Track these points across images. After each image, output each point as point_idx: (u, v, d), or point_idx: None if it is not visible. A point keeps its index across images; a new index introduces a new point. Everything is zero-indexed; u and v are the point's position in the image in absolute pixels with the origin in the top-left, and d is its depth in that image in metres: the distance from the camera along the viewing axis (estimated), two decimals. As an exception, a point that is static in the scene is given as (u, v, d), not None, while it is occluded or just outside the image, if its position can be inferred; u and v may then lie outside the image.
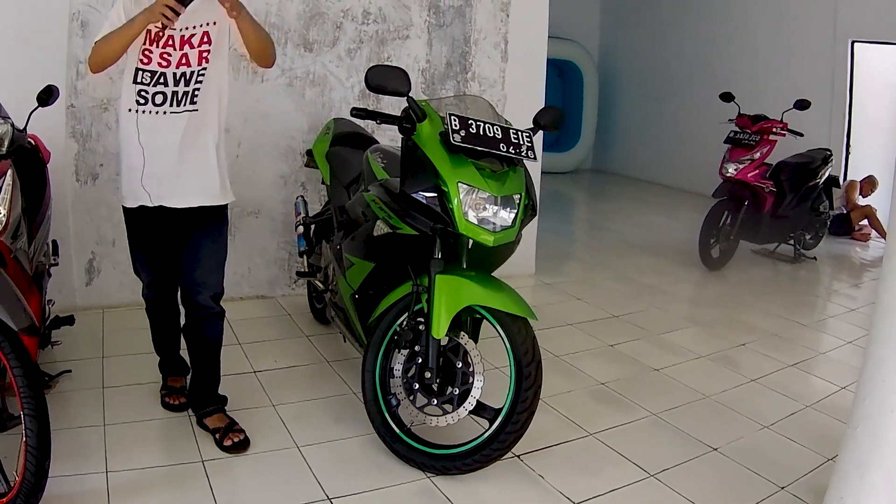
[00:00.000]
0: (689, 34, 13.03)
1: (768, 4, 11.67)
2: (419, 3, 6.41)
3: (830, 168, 8.89)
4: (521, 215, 3.55)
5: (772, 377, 5.18)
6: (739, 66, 11.94)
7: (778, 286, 7.86)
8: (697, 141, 12.20)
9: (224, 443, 3.81)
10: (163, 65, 3.60)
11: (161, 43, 3.59)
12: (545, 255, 7.62)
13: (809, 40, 11.13)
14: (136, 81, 3.62)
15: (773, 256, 8.86)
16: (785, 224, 8.42)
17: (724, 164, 8.08)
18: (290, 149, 6.05)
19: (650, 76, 14.00)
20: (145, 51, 3.59)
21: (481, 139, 3.48)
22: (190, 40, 3.62)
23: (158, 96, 3.62)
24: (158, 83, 3.62)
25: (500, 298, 3.51)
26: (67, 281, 5.45)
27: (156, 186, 3.69)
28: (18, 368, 2.99)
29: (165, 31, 3.55)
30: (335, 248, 4.48)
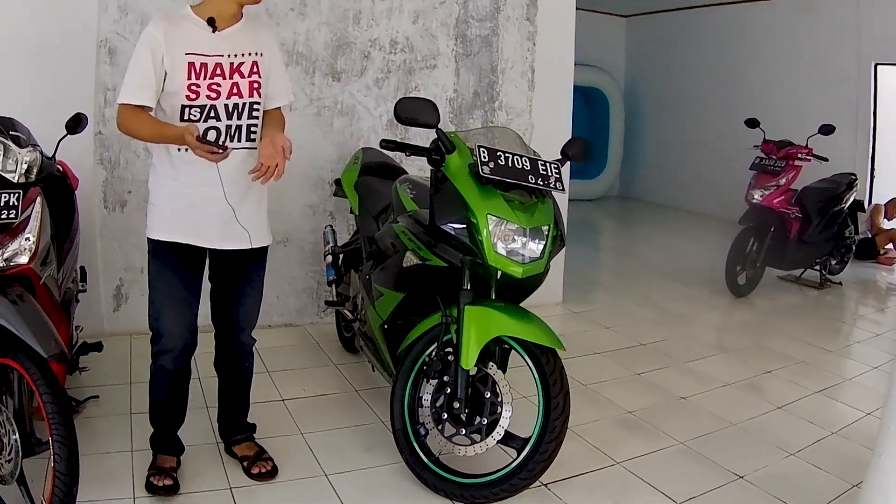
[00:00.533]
0: (715, 60, 13.05)
1: (792, 29, 11.69)
2: (446, 32, 6.46)
3: (855, 192, 8.87)
4: (550, 247, 3.56)
5: (798, 404, 5.16)
6: (765, 91, 11.93)
7: (804, 312, 7.83)
8: (723, 167, 12.17)
9: (252, 471, 3.83)
10: (212, 97, 3.42)
11: (209, 73, 3.41)
12: (572, 283, 7.61)
13: (833, 64, 11.15)
14: (184, 119, 3.39)
15: (799, 282, 8.82)
16: (810, 250, 8.40)
17: (750, 191, 8.08)
18: (319, 178, 6.09)
19: (676, 102, 14.01)
20: (191, 86, 3.38)
21: (510, 171, 3.50)
22: (239, 69, 3.49)
23: (211, 133, 3.43)
24: (209, 118, 3.43)
25: (529, 329, 3.52)
26: (95, 307, 5.50)
27: (207, 228, 3.53)
28: (48, 395, 3.02)
29: (212, 60, 3.41)
30: (364, 279, 4.50)
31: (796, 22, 11.64)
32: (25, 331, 3.05)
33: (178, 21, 3.45)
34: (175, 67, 3.35)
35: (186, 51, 3.37)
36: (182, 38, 3.38)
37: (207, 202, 3.48)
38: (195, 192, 3.47)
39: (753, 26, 12.33)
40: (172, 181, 3.49)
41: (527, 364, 3.60)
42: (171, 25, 3.39)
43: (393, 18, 6.23)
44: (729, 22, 12.77)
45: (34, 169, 3.51)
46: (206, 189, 3.46)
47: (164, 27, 3.36)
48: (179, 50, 3.36)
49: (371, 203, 4.82)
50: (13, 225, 3.30)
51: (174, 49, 3.35)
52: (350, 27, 6.09)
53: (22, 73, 5.13)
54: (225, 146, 3.23)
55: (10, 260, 3.28)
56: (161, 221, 3.53)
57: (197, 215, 3.49)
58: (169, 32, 3.36)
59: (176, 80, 3.36)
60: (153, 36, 3.34)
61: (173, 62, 3.35)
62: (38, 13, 5.15)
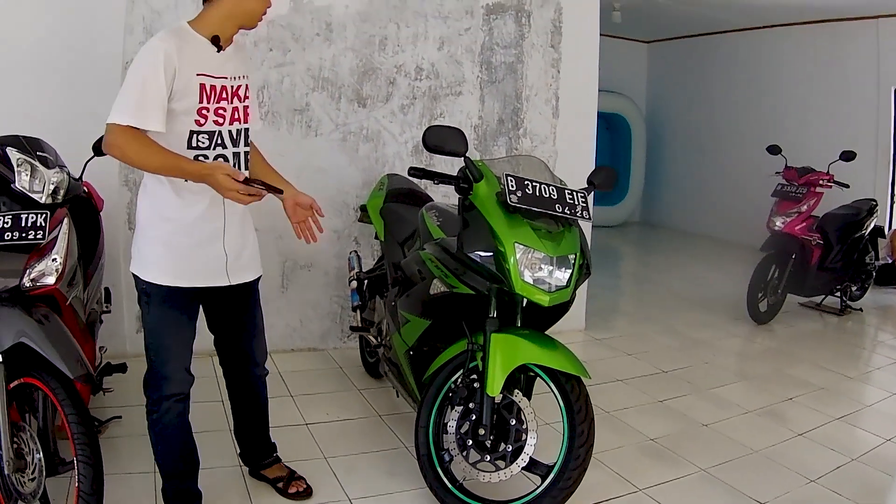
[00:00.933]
0: (736, 86, 13.05)
1: (812, 55, 11.69)
2: (471, 59, 6.51)
3: (875, 218, 8.84)
4: (576, 275, 3.57)
5: (818, 431, 5.15)
6: (785, 117, 11.93)
7: (825, 339, 7.81)
8: (745, 193, 12.15)
9: (290, 490, 3.88)
10: (218, 122, 3.24)
11: (217, 96, 3.22)
12: (595, 309, 7.63)
13: (853, 89, 11.15)
14: (192, 146, 3.20)
15: (820, 309, 8.78)
16: (831, 276, 8.38)
17: (772, 218, 8.09)
18: (344, 203, 6.13)
19: (697, 128, 14.00)
20: (202, 109, 3.18)
21: (537, 200, 3.52)
22: (238, 92, 3.33)
23: (219, 161, 3.24)
24: (217, 145, 3.25)
25: (555, 357, 3.53)
26: (119, 328, 5.53)
27: (217, 265, 3.38)
28: (73, 415, 3.07)
29: (219, 82, 3.22)
30: (390, 305, 4.52)
31: (816, 47, 11.65)
32: (52, 351, 3.09)
33: (186, 37, 3.17)
34: (187, 88, 3.12)
35: (198, 71, 3.15)
36: (193, 56, 3.13)
37: (211, 239, 3.33)
38: (199, 229, 3.29)
39: (774, 52, 12.34)
40: (174, 215, 3.26)
41: (552, 391, 3.61)
42: (181, 41, 3.12)
43: (418, 45, 6.28)
44: (750, 48, 12.78)
45: (61, 190, 3.57)
46: (210, 225, 3.31)
47: (176, 42, 3.08)
48: (191, 69, 3.12)
49: (397, 229, 4.85)
50: (40, 245, 3.35)
51: (186, 67, 3.10)
52: (376, 53, 6.14)
53: (49, 95, 5.21)
54: (270, 188, 3.10)
55: (37, 280, 3.33)
56: (162, 264, 3.28)
57: (201, 254, 3.32)
58: (181, 49, 3.08)
59: (186, 103, 3.13)
60: (165, 51, 3.03)
61: (186, 82, 3.11)
62: (64, 35, 5.23)
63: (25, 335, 3.09)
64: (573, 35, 6.90)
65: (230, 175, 2.99)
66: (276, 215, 5.80)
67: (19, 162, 3.43)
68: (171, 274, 3.27)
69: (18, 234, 3.26)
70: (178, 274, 3.28)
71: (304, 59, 5.91)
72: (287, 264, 6.02)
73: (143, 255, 3.32)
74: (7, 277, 3.25)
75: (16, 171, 3.42)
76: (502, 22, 6.58)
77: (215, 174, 3.00)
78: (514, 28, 6.64)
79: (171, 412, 3.41)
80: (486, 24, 6.52)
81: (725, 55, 13.26)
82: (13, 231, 3.26)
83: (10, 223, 3.27)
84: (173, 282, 3.27)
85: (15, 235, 3.26)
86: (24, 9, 5.16)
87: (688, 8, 11.66)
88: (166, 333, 3.36)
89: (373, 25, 6.12)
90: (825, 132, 11.07)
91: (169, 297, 3.30)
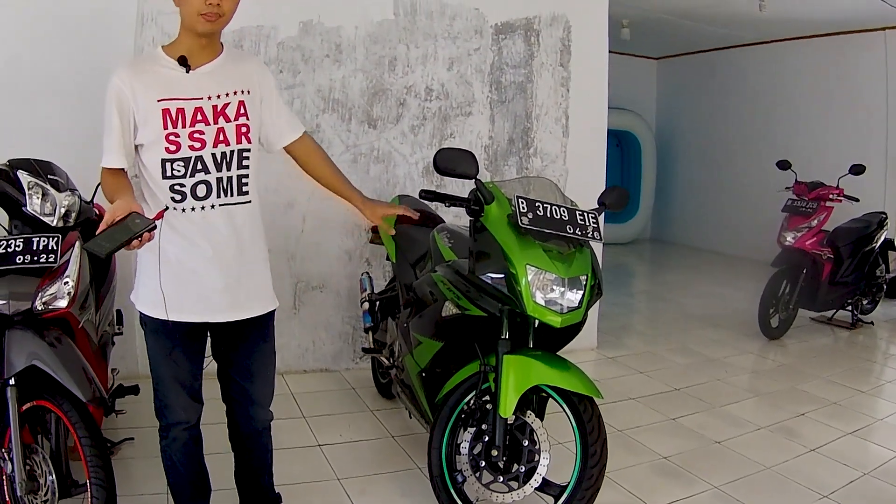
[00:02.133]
0: (745, 101, 13.07)
1: (822, 69, 11.72)
2: (481, 79, 6.54)
3: (886, 231, 8.83)
4: (588, 296, 3.58)
5: (831, 446, 5.15)
6: (795, 131, 11.94)
7: (836, 353, 7.80)
8: (755, 209, 12.16)
9: None
10: (196, 147, 3.00)
11: (188, 120, 2.99)
12: (607, 328, 7.64)
13: (862, 102, 11.17)
14: (167, 175, 3.01)
15: (831, 323, 8.78)
16: (843, 290, 8.38)
17: (783, 233, 8.09)
18: (355, 224, 6.14)
19: (707, 144, 14.02)
20: (170, 136, 2.97)
21: (548, 221, 3.53)
22: (224, 112, 3.07)
23: (200, 187, 3.04)
24: (196, 171, 3.02)
25: (567, 378, 3.54)
26: (130, 349, 5.52)
27: (208, 300, 3.14)
28: (86, 438, 3.09)
29: (191, 104, 3.01)
30: (402, 327, 4.53)
31: (825, 61, 11.67)
32: (64, 375, 3.12)
33: (146, 65, 3.07)
34: (148, 117, 2.96)
35: (159, 97, 2.96)
36: (152, 84, 2.98)
37: (198, 273, 3.11)
38: (183, 263, 3.09)
39: (782, 66, 12.35)
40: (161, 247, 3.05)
41: (564, 412, 3.61)
42: (135, 72, 3.00)
43: (428, 65, 6.32)
44: (758, 62, 12.80)
45: (73, 213, 3.60)
46: (194, 259, 3.09)
47: (128, 74, 2.97)
48: (150, 97, 2.96)
49: (408, 251, 4.87)
50: (52, 269, 3.37)
51: (144, 97, 2.95)
52: (385, 74, 6.18)
53: (59, 118, 5.23)
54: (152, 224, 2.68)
55: (49, 303, 3.36)
56: (154, 296, 3.11)
57: (190, 289, 3.11)
58: (134, 79, 2.96)
59: (151, 132, 2.97)
60: (116, 87, 2.95)
61: (146, 112, 2.96)
62: (74, 58, 5.26)
63: (38, 358, 3.12)
64: (582, 53, 6.93)
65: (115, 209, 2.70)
66: (289, 237, 5.88)
67: (30, 185, 3.45)
68: (161, 307, 3.09)
69: (30, 258, 3.30)
70: (171, 307, 3.09)
71: (315, 81, 5.94)
72: (299, 286, 6.04)
73: (141, 288, 3.20)
74: (19, 300, 3.28)
75: (27, 195, 3.44)
76: (511, 41, 6.61)
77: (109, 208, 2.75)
78: (524, 47, 6.67)
79: (179, 440, 3.30)
80: (496, 44, 6.56)
81: (734, 70, 13.28)
82: (25, 254, 3.29)
83: (22, 246, 3.31)
84: (163, 315, 3.10)
85: (27, 258, 3.29)
86: (35, 32, 5.21)
87: (696, 24, 11.69)
88: (162, 363, 3.21)
89: (382, 46, 6.16)
90: (835, 145, 11.10)
91: (163, 329, 3.14)
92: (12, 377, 3.10)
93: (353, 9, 5.98)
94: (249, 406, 3.43)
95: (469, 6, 6.44)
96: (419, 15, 6.27)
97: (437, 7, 6.32)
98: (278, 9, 5.74)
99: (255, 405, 3.44)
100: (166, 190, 3.01)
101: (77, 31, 5.28)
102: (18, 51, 5.19)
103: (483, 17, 6.50)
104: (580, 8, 6.92)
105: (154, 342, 3.19)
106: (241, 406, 3.44)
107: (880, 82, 10.90)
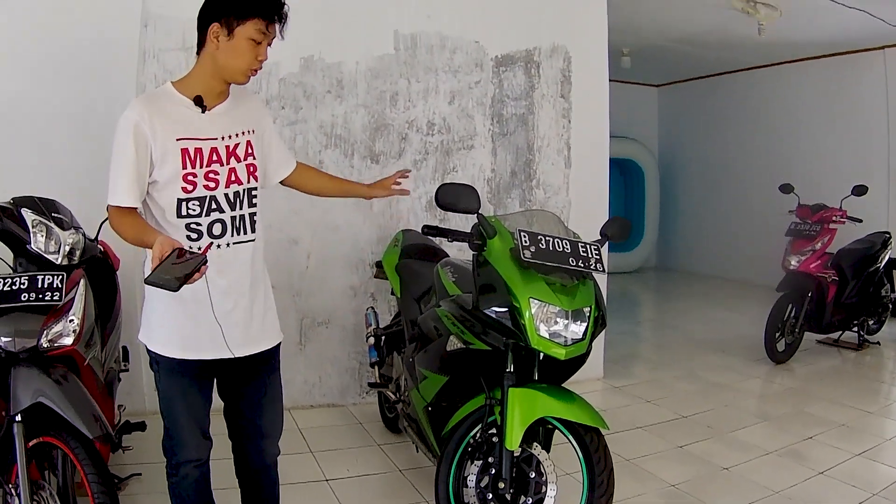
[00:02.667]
0: (747, 125, 13.14)
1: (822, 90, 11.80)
2: (482, 112, 6.58)
3: (890, 250, 8.84)
4: (592, 328, 3.58)
5: (839, 468, 5.15)
6: (797, 154, 12.00)
7: (843, 375, 7.79)
8: (760, 233, 12.21)
9: None
10: (210, 187, 3.01)
11: (205, 160, 3.00)
12: (613, 357, 7.67)
13: (864, 122, 11.26)
14: (182, 214, 2.99)
15: (838, 345, 8.79)
16: (848, 312, 8.38)
17: (787, 257, 8.12)
18: (360, 260, 6.18)
19: (710, 170, 14.08)
20: (188, 176, 2.97)
21: (551, 254, 3.53)
22: (235, 152, 3.10)
23: (216, 226, 3.05)
24: (211, 211, 3.03)
25: (573, 410, 3.53)
26: (137, 385, 5.56)
27: (224, 336, 3.09)
28: (93, 474, 3.11)
29: (207, 144, 3.01)
30: (408, 361, 4.53)
31: (825, 81, 11.75)
32: (71, 411, 3.14)
33: (160, 101, 3.02)
34: (166, 156, 2.93)
35: (178, 136, 2.96)
36: (170, 122, 2.96)
37: (201, 310, 3.05)
38: (187, 300, 3.00)
39: (783, 88, 12.42)
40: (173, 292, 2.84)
41: (570, 443, 3.61)
42: (153, 108, 2.95)
43: (429, 99, 6.36)
44: (759, 86, 12.86)
45: (77, 251, 3.64)
46: (194, 295, 2.98)
47: (146, 110, 2.92)
48: (169, 135, 2.94)
49: (413, 285, 4.89)
50: (57, 307, 3.40)
51: (163, 135, 2.92)
52: (387, 109, 6.23)
53: (63, 156, 5.29)
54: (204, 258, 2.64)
55: (55, 341, 3.39)
56: (166, 335, 3.12)
57: (197, 326, 3.08)
58: (153, 116, 2.91)
59: (168, 171, 2.95)
60: (135, 123, 2.89)
61: (164, 150, 2.93)
62: (78, 96, 5.32)
63: (44, 395, 3.14)
64: (583, 83, 6.98)
65: (161, 244, 2.62)
66: (294, 273, 5.91)
67: (35, 223, 3.50)
68: (176, 346, 3.10)
69: (35, 295, 3.33)
70: (183, 346, 3.10)
71: (317, 117, 5.99)
72: (305, 321, 6.06)
73: (150, 324, 3.18)
74: (25, 337, 3.30)
75: (31, 233, 3.49)
76: (512, 74, 6.66)
77: (154, 245, 2.65)
78: (524, 79, 6.73)
79: (189, 478, 3.25)
80: (496, 77, 6.61)
81: (735, 94, 13.36)
82: (30, 292, 3.33)
83: (27, 284, 3.35)
84: (179, 354, 3.10)
85: (32, 296, 3.33)
86: (38, 69, 5.26)
87: (696, 49, 11.76)
88: (177, 402, 3.18)
89: (384, 81, 6.21)
90: (838, 166, 11.15)
91: (178, 368, 3.12)
92: (18, 413, 3.12)
93: (354, 44, 6.03)
94: (260, 440, 3.41)
95: (469, 39, 6.50)
96: (419, 49, 6.33)
97: (437, 41, 6.38)
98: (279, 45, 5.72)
99: (266, 438, 3.42)
100: (181, 228, 2.99)
101: (80, 68, 5.34)
102: (22, 88, 5.24)
103: (483, 50, 6.56)
104: (580, 38, 6.97)
105: (168, 382, 3.16)
106: (251, 441, 3.41)
107: (881, 101, 10.96)
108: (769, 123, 12.72)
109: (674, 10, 9.52)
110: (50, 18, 5.26)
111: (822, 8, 8.88)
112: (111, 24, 5.42)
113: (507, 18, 6.68)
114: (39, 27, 5.24)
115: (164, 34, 5.55)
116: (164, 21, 5.54)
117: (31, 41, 5.24)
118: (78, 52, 5.33)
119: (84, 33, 5.33)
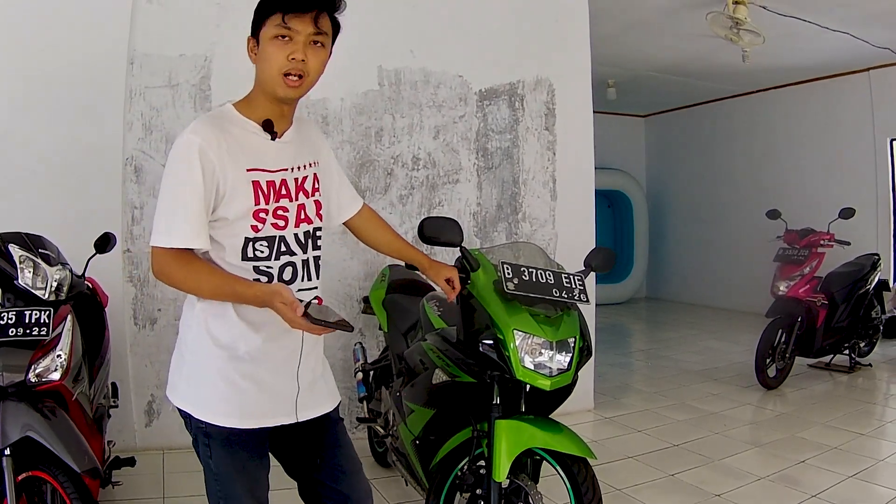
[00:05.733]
0: (734, 153, 13.27)
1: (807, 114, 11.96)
2: (467, 146, 6.62)
3: (880, 272, 8.91)
4: (577, 358, 3.59)
5: (832, 490, 5.15)
6: (785, 179, 12.10)
7: (835, 398, 7.81)
8: (748, 261, 12.31)
9: None
10: (279, 225, 2.60)
11: (276, 194, 2.59)
12: (603, 388, 7.68)
13: (849, 144, 11.41)
14: (248, 257, 2.57)
15: (830, 368, 8.83)
16: (839, 335, 8.41)
17: (776, 283, 8.16)
18: (347, 295, 6.19)
19: (698, 199, 14.21)
20: (259, 213, 2.55)
21: (534, 286, 3.56)
22: (303, 185, 2.70)
23: (287, 270, 2.64)
24: (281, 253, 2.62)
25: (560, 440, 3.54)
26: (127, 422, 5.56)
27: (290, 398, 2.72)
28: (81, 510, 3.13)
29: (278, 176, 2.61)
30: (395, 396, 4.53)
31: (810, 106, 11.91)
32: (59, 446, 3.17)
33: (226, 125, 2.57)
34: (236, 190, 2.51)
35: (249, 165, 2.55)
36: (240, 148, 2.54)
37: (285, 368, 2.71)
38: (269, 357, 2.65)
39: (769, 115, 12.55)
40: (234, 343, 2.61)
41: (559, 474, 3.61)
42: (219, 133, 2.51)
43: (414, 135, 6.40)
44: (745, 113, 13.00)
45: (64, 287, 3.68)
46: (282, 351, 2.68)
47: (213, 134, 2.48)
48: (239, 165, 2.52)
49: (399, 320, 4.90)
50: (45, 342, 3.44)
51: (232, 164, 2.50)
52: (372, 145, 6.26)
53: (50, 192, 5.31)
54: (338, 325, 2.40)
55: (42, 376, 3.43)
56: (224, 403, 2.61)
57: (272, 388, 2.67)
58: (222, 140, 2.49)
59: (238, 207, 2.52)
60: (199, 148, 2.44)
61: (234, 182, 2.51)
62: (64, 133, 5.35)
63: (32, 429, 3.18)
64: (567, 116, 7.03)
65: (287, 305, 2.37)
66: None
67: (21, 259, 3.54)
68: (237, 415, 2.61)
69: (23, 331, 3.38)
70: (246, 414, 2.63)
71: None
72: (293, 356, 6.04)
73: (198, 390, 2.65)
74: (13, 372, 3.34)
75: (19, 268, 3.54)
76: (496, 107, 6.71)
77: (273, 302, 2.40)
78: (508, 113, 6.77)
79: None
80: (481, 111, 6.66)
81: (722, 122, 13.49)
82: (17, 327, 3.38)
83: (15, 319, 3.39)
84: (239, 423, 2.61)
85: (20, 331, 3.37)
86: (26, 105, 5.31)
87: (682, 79, 11.86)
88: (238, 480, 2.66)
89: (368, 118, 6.25)
90: (825, 190, 11.28)
91: (236, 438, 2.63)
92: (7, 447, 3.14)
93: (339, 80, 6.03)
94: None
95: (452, 73, 6.55)
96: (403, 85, 6.37)
97: (420, 76, 6.42)
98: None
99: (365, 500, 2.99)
100: (249, 272, 2.57)
101: (66, 106, 5.38)
102: (10, 125, 5.27)
103: (467, 85, 6.61)
104: (563, 71, 7.03)
105: (224, 455, 2.64)
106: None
107: (867, 122, 11.10)
108: (756, 149, 12.85)
109: (658, 41, 9.62)
110: (36, 56, 5.30)
111: (805, 32, 8.99)
112: (98, 63, 5.45)
113: (491, 52, 6.74)
114: (26, 64, 5.29)
115: (149, 73, 5.59)
116: (149, 59, 5.58)
117: (18, 78, 5.29)
118: (65, 90, 5.37)
119: (71, 71, 5.37)
